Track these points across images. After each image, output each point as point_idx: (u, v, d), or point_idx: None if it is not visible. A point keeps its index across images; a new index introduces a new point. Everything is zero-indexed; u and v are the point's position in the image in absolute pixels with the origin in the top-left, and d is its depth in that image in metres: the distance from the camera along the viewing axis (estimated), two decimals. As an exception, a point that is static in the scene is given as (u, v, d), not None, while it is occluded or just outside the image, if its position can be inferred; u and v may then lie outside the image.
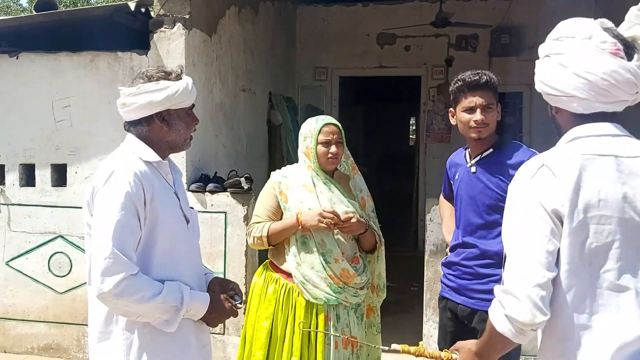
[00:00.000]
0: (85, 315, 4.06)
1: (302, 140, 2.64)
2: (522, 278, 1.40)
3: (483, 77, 2.41)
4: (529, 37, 6.80)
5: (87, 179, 4.06)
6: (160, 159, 1.90)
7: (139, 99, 1.85)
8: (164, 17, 3.94)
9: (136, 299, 1.73)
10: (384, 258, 2.74)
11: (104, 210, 1.75)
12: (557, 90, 1.50)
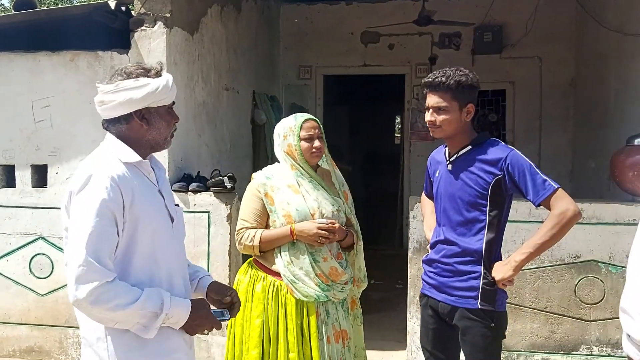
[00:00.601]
0: (68, 317, 4.06)
1: (282, 139, 2.63)
2: (635, 295, 1.35)
3: (438, 78, 2.40)
4: (512, 35, 6.85)
5: (68, 180, 4.01)
6: (141, 159, 1.85)
7: (118, 97, 1.80)
8: (144, 15, 3.90)
9: (111, 306, 1.69)
10: (362, 251, 2.76)
11: (79, 216, 1.71)
12: None
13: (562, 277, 3.62)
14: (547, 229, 2.33)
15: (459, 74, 2.44)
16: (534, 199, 2.35)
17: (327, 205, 2.58)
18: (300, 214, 2.55)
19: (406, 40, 7.14)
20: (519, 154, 2.42)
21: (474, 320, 2.43)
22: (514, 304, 3.65)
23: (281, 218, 2.55)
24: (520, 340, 3.68)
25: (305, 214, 2.55)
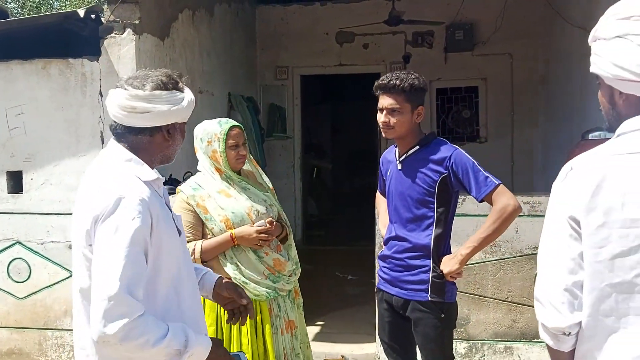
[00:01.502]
0: (46, 320, 4.16)
1: (206, 144, 2.65)
2: (544, 283, 1.39)
3: (392, 81, 2.51)
4: (482, 32, 6.99)
5: (43, 185, 4.12)
6: (158, 176, 1.74)
7: (156, 107, 1.67)
8: (114, 23, 4.00)
9: (140, 343, 1.55)
10: (293, 243, 2.86)
11: (112, 244, 1.56)
12: (637, 75, 1.35)
13: (522, 268, 3.76)
14: (490, 223, 2.46)
15: (412, 78, 2.55)
16: (476, 195, 2.47)
17: (259, 202, 2.69)
18: (237, 215, 2.63)
19: (380, 40, 7.26)
20: (462, 152, 2.54)
21: (425, 312, 2.55)
22: (477, 295, 3.79)
23: (219, 224, 2.62)
24: (483, 329, 3.82)
25: (241, 215, 2.63)
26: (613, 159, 1.35)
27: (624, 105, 1.41)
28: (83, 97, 4.03)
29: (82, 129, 4.05)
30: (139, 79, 1.72)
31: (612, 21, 1.40)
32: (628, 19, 1.37)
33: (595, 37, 1.46)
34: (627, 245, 1.32)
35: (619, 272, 1.33)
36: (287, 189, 7.58)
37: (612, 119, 1.46)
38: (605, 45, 1.41)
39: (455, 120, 7.37)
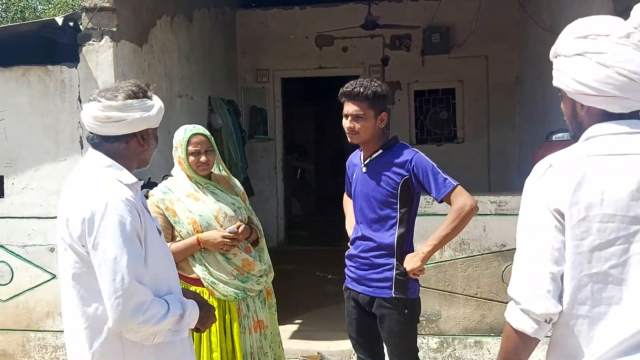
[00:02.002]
0: (29, 322, 4.24)
1: (174, 150, 2.79)
2: (530, 273, 1.45)
3: (356, 89, 2.61)
4: (458, 35, 7.14)
5: (24, 189, 4.19)
6: (137, 180, 1.89)
7: (129, 115, 1.80)
8: (92, 30, 4.08)
9: (155, 321, 1.76)
10: (265, 246, 2.97)
11: (113, 243, 1.73)
12: (598, 90, 1.45)
13: (490, 265, 3.90)
14: (449, 222, 2.59)
15: (375, 85, 2.66)
16: (436, 195, 2.60)
17: (227, 206, 2.79)
18: (204, 219, 2.73)
19: (359, 43, 7.38)
20: (422, 156, 2.67)
21: (389, 308, 2.68)
22: (447, 291, 3.93)
23: (187, 226, 2.72)
24: (454, 324, 3.96)
25: (208, 218, 2.74)
26: (591, 160, 1.44)
27: (585, 115, 1.52)
28: (62, 103, 4.12)
29: (61, 134, 4.13)
30: (110, 90, 1.86)
31: (571, 39, 1.50)
32: (586, 38, 1.47)
33: (556, 53, 1.55)
34: (604, 238, 1.41)
35: (596, 263, 1.42)
36: (270, 190, 7.70)
37: (574, 128, 1.57)
38: (566, 62, 1.50)
39: (433, 121, 7.52)
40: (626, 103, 1.46)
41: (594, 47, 1.46)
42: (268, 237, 6.99)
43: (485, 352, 3.94)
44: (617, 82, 1.43)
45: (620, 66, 1.43)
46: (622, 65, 1.43)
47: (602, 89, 1.45)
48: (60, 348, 4.24)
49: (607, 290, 1.42)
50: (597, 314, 1.43)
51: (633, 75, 1.42)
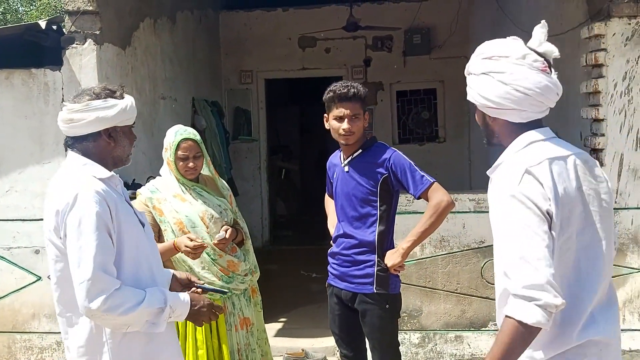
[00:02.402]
0: (14, 324, 4.26)
1: (164, 151, 2.85)
2: (537, 271, 1.53)
3: (351, 90, 2.69)
4: (439, 36, 7.25)
5: (9, 192, 4.21)
6: (112, 174, 2.00)
7: (89, 115, 1.93)
8: (75, 33, 4.11)
9: (123, 311, 1.83)
10: (251, 248, 3.03)
11: (79, 233, 1.84)
12: (499, 104, 1.67)
13: (469, 261, 3.99)
14: (427, 218, 2.67)
15: (361, 86, 2.76)
16: (414, 192, 2.68)
17: (213, 207, 2.85)
18: (190, 219, 2.79)
19: (341, 44, 7.47)
20: (400, 154, 2.75)
21: (370, 303, 2.75)
22: (428, 287, 4.01)
23: (173, 226, 2.78)
24: (435, 320, 4.04)
25: (194, 219, 2.79)
26: (549, 162, 1.61)
27: (494, 124, 1.77)
28: (46, 105, 4.14)
29: (45, 137, 4.16)
30: (78, 95, 2.03)
31: (479, 60, 1.73)
32: (490, 59, 1.70)
33: (468, 72, 1.79)
34: (573, 233, 1.62)
35: (570, 253, 1.62)
36: (254, 190, 7.75)
37: (487, 134, 1.82)
38: (474, 80, 1.74)
39: (415, 121, 7.62)
40: (524, 114, 1.69)
41: (496, 67, 1.68)
42: (252, 237, 7.01)
43: (465, 347, 4.03)
44: (515, 97, 1.66)
45: (517, 83, 1.65)
46: (518, 83, 1.65)
47: (502, 103, 1.68)
48: (46, 349, 4.26)
49: (579, 273, 1.63)
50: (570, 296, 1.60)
51: (528, 91, 1.65)
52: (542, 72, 1.69)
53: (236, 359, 2.84)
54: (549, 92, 1.69)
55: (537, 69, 1.69)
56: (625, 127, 3.79)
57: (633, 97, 3.76)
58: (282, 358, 4.17)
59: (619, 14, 3.71)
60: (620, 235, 3.82)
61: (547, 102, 1.71)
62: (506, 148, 1.74)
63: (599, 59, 3.78)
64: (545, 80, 1.68)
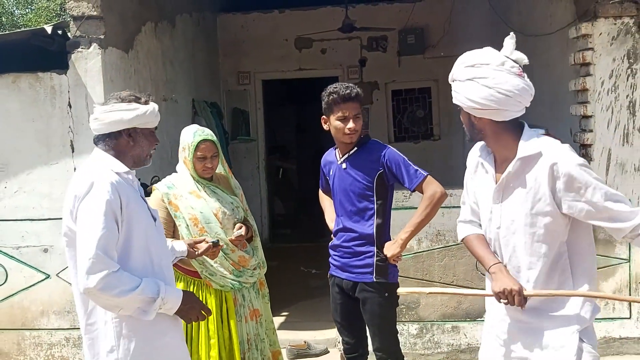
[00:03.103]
0: (24, 321, 4.38)
1: (181, 150, 2.97)
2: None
3: (353, 91, 2.84)
4: (432, 36, 7.40)
5: (17, 193, 4.33)
6: (129, 169, 2.20)
7: (112, 116, 2.16)
8: (80, 38, 4.23)
9: (117, 293, 2.01)
10: (260, 244, 3.17)
11: (89, 217, 2.04)
12: (484, 105, 1.95)
13: (465, 254, 4.13)
14: (422, 209, 2.82)
15: (358, 88, 2.90)
16: (409, 185, 2.83)
17: (226, 204, 2.99)
18: (205, 215, 2.92)
19: (337, 45, 7.61)
20: (394, 150, 2.90)
21: (370, 292, 2.90)
22: (425, 280, 4.16)
23: (188, 221, 2.91)
24: (432, 311, 4.19)
25: (208, 215, 2.93)
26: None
27: (479, 123, 2.04)
28: (52, 108, 4.26)
29: (52, 138, 4.28)
30: (110, 98, 2.27)
31: (462, 68, 2.03)
32: (473, 66, 1.99)
33: (452, 79, 2.07)
34: None
35: None
36: (253, 189, 7.87)
37: (472, 133, 2.10)
38: (460, 85, 2.03)
39: (410, 119, 7.77)
40: (506, 114, 1.98)
41: (479, 73, 1.96)
42: (253, 235, 7.16)
43: (462, 337, 4.18)
44: (497, 98, 1.93)
45: (499, 87, 1.93)
46: (500, 86, 1.93)
47: (487, 104, 1.96)
48: (54, 345, 4.39)
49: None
50: None
51: (508, 93, 1.93)
52: (518, 76, 1.96)
53: (246, 348, 2.97)
54: (525, 93, 1.98)
55: (514, 73, 1.96)
56: (613, 123, 3.94)
57: (619, 94, 3.92)
58: (285, 350, 4.31)
59: (605, 14, 3.86)
60: (609, 227, 3.96)
61: (524, 102, 1.98)
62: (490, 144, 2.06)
63: (587, 58, 3.93)
64: (522, 83, 1.97)
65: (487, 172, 2.11)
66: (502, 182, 2.05)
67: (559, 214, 1.96)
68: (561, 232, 2.00)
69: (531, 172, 1.98)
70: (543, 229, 1.99)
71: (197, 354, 2.92)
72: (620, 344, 3.99)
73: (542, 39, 4.92)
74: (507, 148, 2.02)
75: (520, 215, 2.01)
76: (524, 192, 2.00)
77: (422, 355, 4.19)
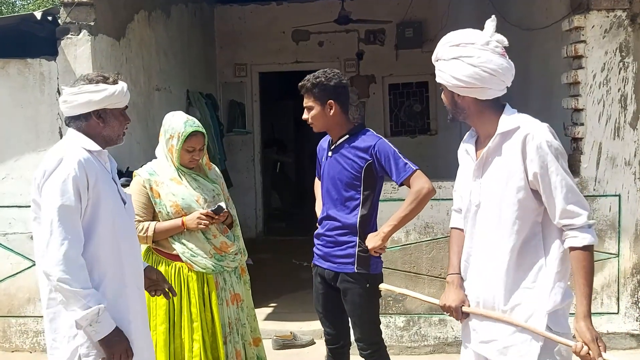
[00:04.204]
0: (10, 308, 4.37)
1: (168, 138, 2.91)
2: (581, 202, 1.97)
3: (305, 85, 2.86)
4: (430, 30, 7.35)
5: (4, 179, 4.32)
6: (101, 148, 2.21)
7: (80, 98, 2.16)
8: (70, 24, 4.21)
9: (71, 287, 2.02)
10: (241, 235, 3.14)
11: (52, 190, 2.07)
12: (468, 84, 1.97)
13: (453, 248, 4.10)
14: (407, 204, 2.78)
15: (315, 77, 2.87)
16: (396, 179, 2.79)
17: (207, 192, 2.97)
18: (186, 202, 2.90)
19: (334, 38, 7.57)
20: (385, 141, 2.86)
21: (351, 282, 2.87)
22: (412, 273, 4.13)
23: (169, 208, 2.88)
24: (419, 304, 4.15)
25: (190, 201, 2.91)
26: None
27: (462, 102, 2.07)
28: (42, 95, 4.25)
29: (41, 125, 4.26)
30: (76, 81, 2.26)
31: (447, 47, 2.04)
32: (458, 46, 2.01)
33: (437, 57, 2.09)
34: None
35: None
36: (248, 182, 7.86)
37: (455, 111, 2.12)
38: (445, 64, 2.04)
39: (407, 114, 7.74)
40: (490, 92, 2.01)
41: (465, 52, 1.98)
42: (247, 227, 7.17)
43: (449, 329, 4.15)
44: (482, 77, 1.96)
45: (484, 65, 1.96)
46: (485, 65, 1.96)
47: (472, 82, 1.98)
48: (41, 333, 4.37)
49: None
50: None
51: (492, 72, 1.96)
52: (502, 56, 1.97)
53: (227, 332, 2.96)
54: (508, 72, 2.01)
55: (498, 53, 1.98)
56: (604, 117, 3.91)
57: (611, 87, 3.88)
58: (271, 340, 4.29)
59: (597, 6, 3.82)
60: (598, 222, 3.94)
61: (506, 81, 2.00)
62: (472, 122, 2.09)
63: (579, 51, 3.89)
64: (506, 63, 1.98)
65: (469, 152, 2.15)
66: (482, 158, 2.06)
67: (530, 189, 1.97)
68: (534, 210, 1.99)
69: (508, 146, 1.99)
70: (517, 205, 1.98)
71: (179, 337, 2.90)
72: (607, 339, 3.96)
73: (538, 32, 4.88)
74: (489, 125, 2.04)
75: (496, 190, 2.02)
76: (500, 167, 2.01)
77: (409, 348, 4.17)
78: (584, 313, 1.91)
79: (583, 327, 1.90)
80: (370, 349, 2.95)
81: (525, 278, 2.00)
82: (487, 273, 2.06)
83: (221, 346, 2.91)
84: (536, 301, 1.97)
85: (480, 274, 2.09)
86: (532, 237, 2.00)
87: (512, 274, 2.01)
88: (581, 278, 1.91)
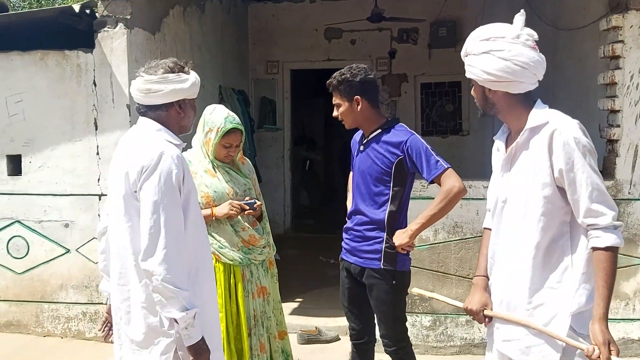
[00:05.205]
0: (43, 293, 4.47)
1: (207, 131, 2.91)
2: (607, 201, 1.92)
3: (332, 82, 2.87)
4: (464, 29, 7.27)
5: (41, 168, 4.43)
6: (181, 142, 2.17)
7: (165, 87, 2.08)
8: (107, 17, 4.29)
9: (173, 288, 1.97)
10: (269, 229, 3.15)
11: (157, 187, 2.00)
12: (500, 77, 1.96)
13: (482, 248, 4.05)
14: (437, 202, 2.75)
15: (343, 73, 2.86)
16: (427, 176, 2.76)
17: (239, 185, 2.98)
18: (218, 194, 2.92)
19: (367, 36, 7.55)
20: (418, 137, 2.82)
21: (377, 278, 2.85)
22: (440, 272, 4.10)
23: (200, 198, 2.88)
24: (446, 304, 4.11)
25: (222, 194, 2.93)
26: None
27: (493, 97, 2.05)
28: (78, 86, 4.34)
29: (77, 116, 4.36)
30: (152, 67, 2.16)
31: (477, 42, 2.02)
32: (488, 40, 2.00)
33: (466, 52, 2.06)
34: None
35: None
36: (277, 178, 7.90)
37: (485, 106, 2.10)
38: (475, 59, 2.02)
39: (439, 114, 7.67)
40: (522, 86, 1.98)
41: (495, 46, 1.96)
42: (275, 223, 7.20)
43: (476, 331, 4.10)
44: (513, 70, 1.94)
45: (515, 59, 1.94)
46: (516, 58, 1.94)
47: (503, 76, 1.96)
48: (72, 319, 4.47)
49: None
50: None
51: (524, 65, 1.94)
52: (533, 49, 1.95)
53: (252, 324, 2.97)
54: (540, 65, 1.97)
55: (529, 46, 1.96)
56: (641, 119, 3.81)
57: (649, 88, 3.78)
58: (296, 335, 4.30)
59: (636, 6, 3.73)
60: (633, 226, 3.84)
61: (538, 75, 1.97)
62: (503, 117, 2.05)
63: (616, 51, 3.81)
64: (537, 56, 1.96)
65: (499, 149, 2.13)
66: (511, 153, 2.04)
67: (557, 186, 1.94)
68: (561, 208, 1.95)
69: (535, 141, 1.96)
70: (542, 201, 1.94)
71: None
72: (639, 345, 3.86)
73: (575, 32, 4.79)
74: (520, 120, 2.01)
75: (523, 186, 1.99)
76: (527, 162, 1.99)
77: (435, 348, 4.14)
78: (600, 315, 1.85)
79: (597, 330, 1.85)
80: (396, 346, 2.94)
81: (550, 277, 1.96)
82: (511, 270, 2.03)
83: (245, 338, 2.93)
84: (560, 302, 1.94)
85: (505, 270, 2.06)
86: (559, 236, 1.96)
87: (537, 272, 1.97)
88: (601, 279, 1.86)
